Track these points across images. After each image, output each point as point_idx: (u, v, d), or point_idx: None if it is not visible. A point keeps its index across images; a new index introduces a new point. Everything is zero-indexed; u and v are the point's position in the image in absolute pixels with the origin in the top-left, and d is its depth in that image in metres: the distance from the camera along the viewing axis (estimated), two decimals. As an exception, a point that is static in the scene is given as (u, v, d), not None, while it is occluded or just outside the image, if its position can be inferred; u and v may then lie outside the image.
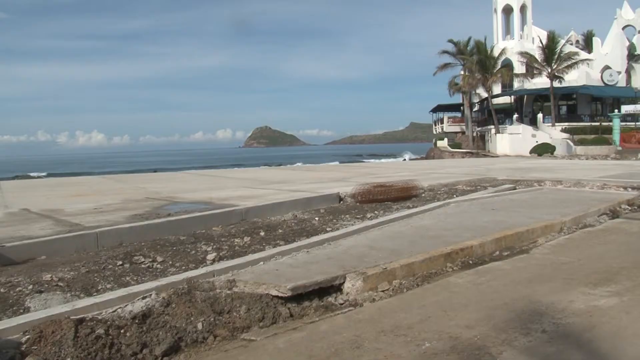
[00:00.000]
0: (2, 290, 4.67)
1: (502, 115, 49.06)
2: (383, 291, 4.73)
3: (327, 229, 7.43)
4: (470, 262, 5.73)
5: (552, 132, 41.58)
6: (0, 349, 3.24)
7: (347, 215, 8.66)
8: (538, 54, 45.47)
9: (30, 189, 16.13)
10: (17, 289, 4.67)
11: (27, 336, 3.39)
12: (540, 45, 45.44)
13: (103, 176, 24.55)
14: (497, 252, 6.14)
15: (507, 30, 54.58)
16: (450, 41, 52.05)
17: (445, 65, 51.90)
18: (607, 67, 49.82)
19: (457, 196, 10.67)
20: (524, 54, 46.28)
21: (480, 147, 49.03)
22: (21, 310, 4.13)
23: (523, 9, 52.85)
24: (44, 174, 60.87)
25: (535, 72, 45.95)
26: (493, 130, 45.41)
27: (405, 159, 65.41)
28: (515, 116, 46.16)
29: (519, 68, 48.55)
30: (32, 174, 60.65)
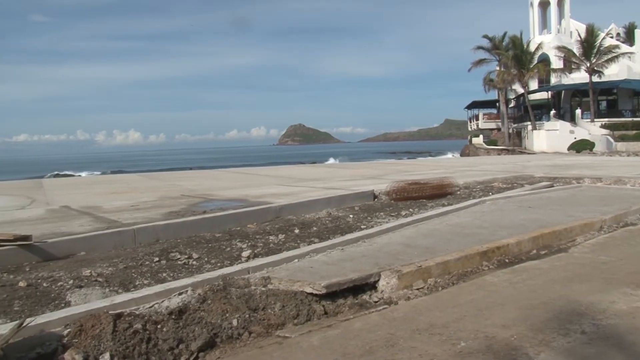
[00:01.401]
0: (44, 284, 4.81)
1: (539, 112, 48.07)
2: (418, 289, 4.70)
3: (362, 227, 7.41)
4: (507, 260, 5.64)
5: (591, 128, 40.49)
6: (44, 341, 3.34)
7: (382, 213, 8.63)
8: (576, 48, 44.36)
9: (69, 186, 16.53)
10: (59, 284, 4.81)
11: (68, 329, 3.48)
12: (579, 39, 44.27)
13: (139, 174, 24.99)
14: (534, 251, 6.03)
15: (544, 25, 53.44)
16: (485, 37, 51.40)
17: (481, 61, 51.26)
18: (650, 60, 48.32)
19: (493, 194, 10.51)
20: (561, 48, 45.23)
21: (516, 144, 48.15)
22: (62, 305, 4.25)
23: (560, 2, 51.68)
24: (83, 173, 62.46)
25: (573, 66, 44.85)
26: (530, 127, 44.48)
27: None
28: (552, 112, 45.15)
29: (556, 63, 47.50)
30: (71, 173, 62.30)
